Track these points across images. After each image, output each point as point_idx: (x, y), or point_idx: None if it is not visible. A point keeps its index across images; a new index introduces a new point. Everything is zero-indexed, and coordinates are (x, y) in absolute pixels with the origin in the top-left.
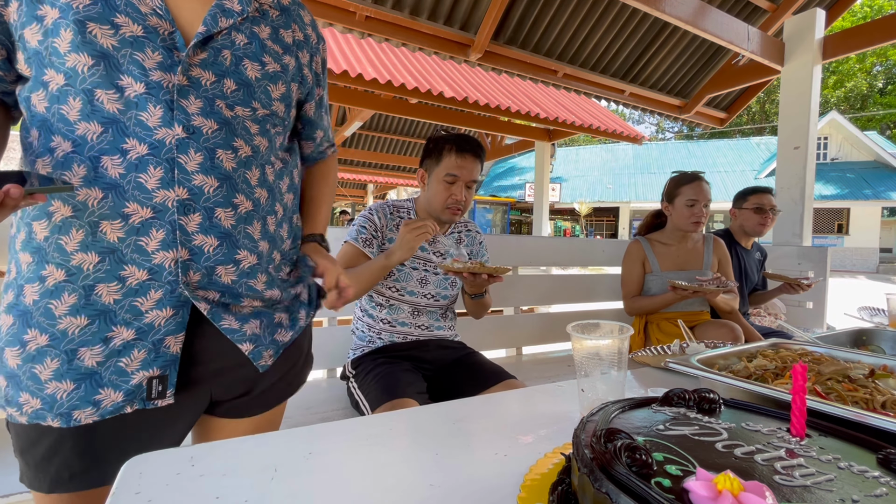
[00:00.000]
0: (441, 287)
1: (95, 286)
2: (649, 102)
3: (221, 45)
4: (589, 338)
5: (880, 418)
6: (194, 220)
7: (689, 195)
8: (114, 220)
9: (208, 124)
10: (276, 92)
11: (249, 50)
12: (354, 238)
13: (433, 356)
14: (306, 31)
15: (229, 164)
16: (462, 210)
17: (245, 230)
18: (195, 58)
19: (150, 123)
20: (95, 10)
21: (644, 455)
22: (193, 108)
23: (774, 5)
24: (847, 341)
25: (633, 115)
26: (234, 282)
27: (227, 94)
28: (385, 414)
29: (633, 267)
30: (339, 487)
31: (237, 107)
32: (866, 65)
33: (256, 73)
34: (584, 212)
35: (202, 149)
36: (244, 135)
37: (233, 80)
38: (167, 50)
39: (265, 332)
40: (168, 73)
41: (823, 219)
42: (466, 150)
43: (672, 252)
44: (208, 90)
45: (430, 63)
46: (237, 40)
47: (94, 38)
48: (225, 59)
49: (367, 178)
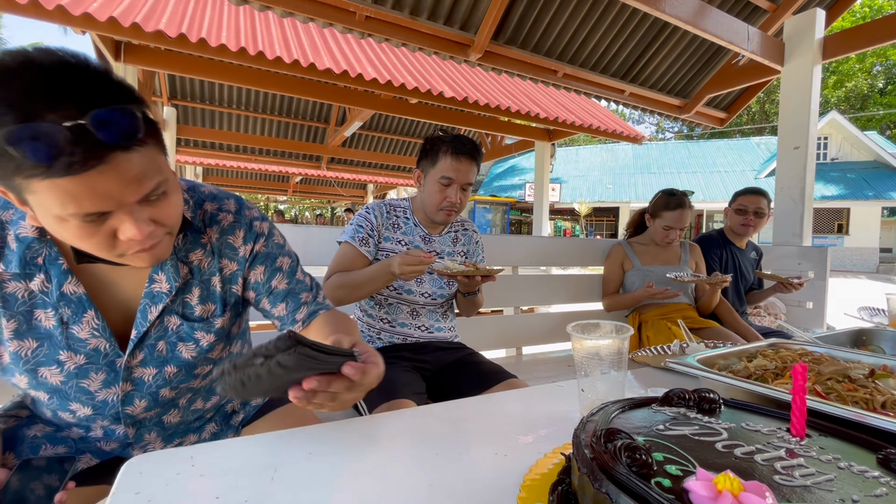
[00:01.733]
0: (437, 286)
1: None
2: (649, 102)
3: (156, 337)
4: (589, 338)
5: (880, 418)
6: (153, 433)
7: (668, 222)
8: None
9: (151, 414)
10: (215, 353)
11: (182, 331)
12: (351, 237)
13: (433, 357)
14: (239, 254)
15: (175, 418)
16: (456, 212)
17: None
18: (133, 361)
19: (100, 428)
20: (43, 355)
21: (644, 455)
22: (138, 409)
23: (774, 5)
24: (847, 341)
25: (633, 115)
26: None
27: (169, 380)
28: (385, 414)
29: (613, 267)
30: (339, 487)
31: (181, 385)
32: (866, 65)
33: (192, 353)
34: (584, 212)
35: (152, 427)
36: (186, 394)
37: (172, 365)
38: (109, 365)
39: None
40: (111, 387)
41: (823, 219)
42: (462, 152)
43: (651, 251)
44: (151, 385)
45: (430, 63)
46: (169, 325)
47: (45, 380)
48: (161, 350)
49: (367, 178)
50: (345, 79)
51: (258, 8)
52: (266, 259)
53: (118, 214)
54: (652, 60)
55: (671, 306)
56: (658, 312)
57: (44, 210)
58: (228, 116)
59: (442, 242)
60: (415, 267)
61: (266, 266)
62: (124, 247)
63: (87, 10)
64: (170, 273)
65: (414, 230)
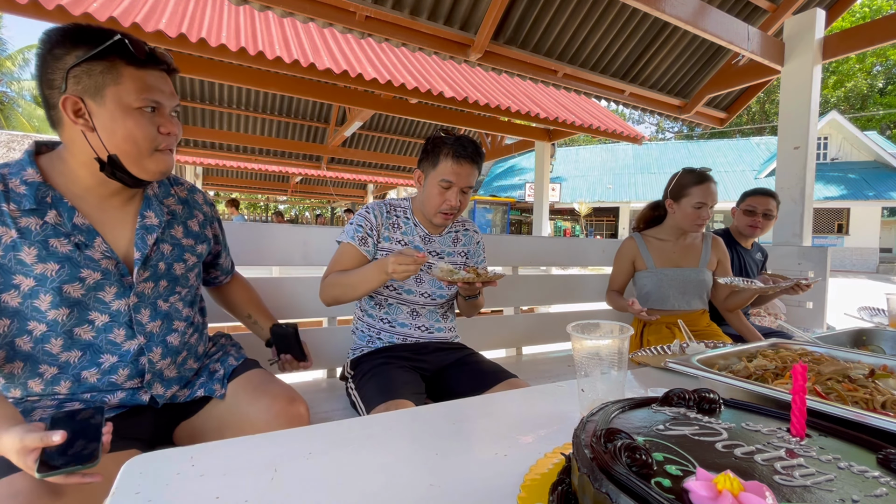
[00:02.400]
0: (437, 286)
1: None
2: (649, 102)
3: (155, 259)
4: (589, 338)
5: (880, 418)
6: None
7: (698, 197)
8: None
9: (156, 325)
10: (191, 275)
11: (174, 254)
12: (351, 237)
13: (433, 357)
14: (203, 209)
15: (176, 341)
16: (455, 215)
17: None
18: (140, 278)
19: (118, 341)
20: (66, 274)
21: (644, 455)
22: (145, 318)
23: (774, 5)
24: (847, 341)
25: (633, 115)
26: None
27: (162, 293)
28: (385, 414)
29: (623, 264)
30: (339, 487)
31: (171, 297)
32: (866, 65)
33: (182, 270)
34: (584, 212)
35: (158, 344)
36: (177, 315)
37: (165, 280)
38: (119, 281)
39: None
40: (123, 298)
41: (823, 219)
42: (463, 156)
43: (668, 248)
44: (150, 297)
45: (430, 63)
46: (164, 250)
47: (69, 295)
48: (159, 269)
49: (367, 178)
50: (345, 79)
51: (258, 8)
52: (218, 220)
53: (162, 114)
54: (652, 60)
55: (679, 314)
56: (664, 320)
57: (117, 103)
58: (228, 116)
59: (442, 242)
60: (407, 266)
61: (219, 225)
62: (160, 140)
63: (87, 10)
64: (157, 210)
65: (414, 230)
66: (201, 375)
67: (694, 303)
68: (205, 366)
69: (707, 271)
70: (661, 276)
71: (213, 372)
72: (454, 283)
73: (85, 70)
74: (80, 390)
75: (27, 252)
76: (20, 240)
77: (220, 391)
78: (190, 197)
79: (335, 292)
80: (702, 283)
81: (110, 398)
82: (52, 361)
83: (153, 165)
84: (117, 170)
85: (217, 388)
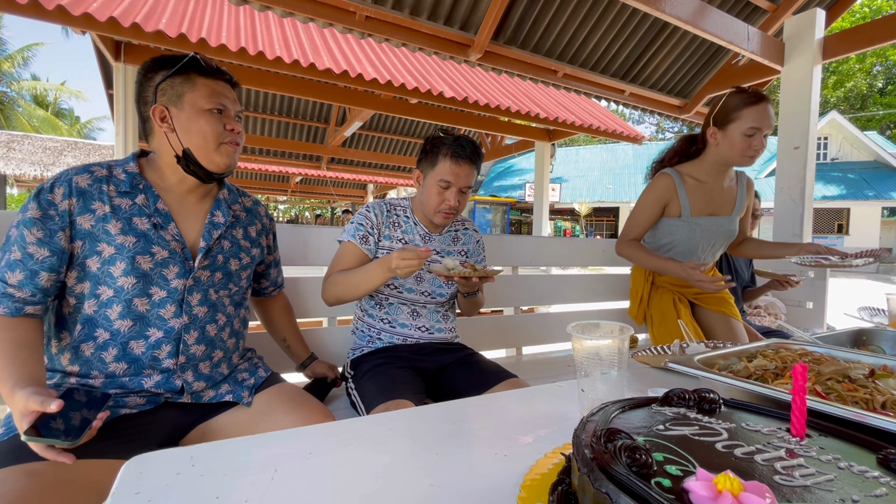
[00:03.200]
0: (436, 285)
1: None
2: (649, 102)
3: (216, 252)
4: (589, 338)
5: (880, 418)
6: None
7: (751, 121)
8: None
9: (202, 310)
10: (243, 275)
11: (232, 251)
12: (352, 235)
13: (433, 358)
14: (262, 221)
15: (212, 331)
16: (454, 215)
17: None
18: (201, 265)
19: (166, 317)
20: (140, 247)
21: (644, 455)
22: (195, 301)
23: (774, 5)
24: (847, 341)
25: (633, 115)
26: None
27: (215, 283)
28: (385, 414)
29: (654, 208)
30: (339, 487)
31: (221, 290)
32: (866, 65)
33: (236, 267)
34: (584, 212)
35: (196, 328)
36: (222, 309)
37: (220, 272)
38: (182, 263)
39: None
40: (182, 279)
41: (823, 219)
42: (462, 156)
43: (706, 192)
44: (204, 284)
45: (430, 63)
46: (224, 245)
47: (139, 266)
48: (218, 261)
49: (367, 178)
50: (345, 79)
51: (258, 8)
52: (273, 233)
53: (227, 115)
54: (652, 60)
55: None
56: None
57: (193, 106)
58: None
59: (442, 241)
60: (411, 261)
61: (273, 238)
62: (225, 135)
63: (87, 11)
64: (224, 211)
65: (414, 229)
66: (228, 381)
67: (718, 255)
68: (233, 373)
69: (737, 219)
70: (695, 226)
71: (242, 381)
72: (451, 278)
73: (169, 84)
74: (124, 359)
75: (114, 224)
76: (111, 214)
77: (247, 398)
78: (254, 208)
79: (338, 291)
80: (732, 234)
81: (146, 381)
82: (108, 326)
83: (219, 158)
84: (191, 163)
85: (245, 396)
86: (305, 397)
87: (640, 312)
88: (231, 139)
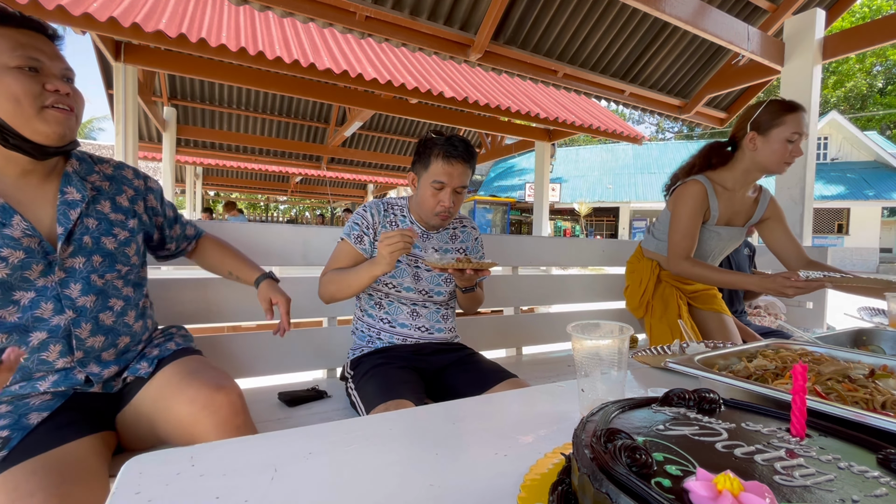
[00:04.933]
0: (435, 283)
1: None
2: (649, 102)
3: (80, 234)
4: (589, 338)
5: (880, 418)
6: (91, 364)
7: (793, 127)
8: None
9: (89, 300)
10: (129, 251)
11: (101, 229)
12: (347, 234)
13: (433, 359)
14: (133, 184)
15: (109, 320)
16: (451, 215)
17: (119, 337)
18: (65, 254)
19: (45, 316)
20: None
21: (644, 455)
22: (75, 292)
23: (774, 5)
24: (847, 341)
25: (633, 115)
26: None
27: (96, 268)
28: (385, 414)
29: (698, 215)
30: (339, 487)
31: (107, 274)
32: (866, 65)
33: (114, 245)
34: (584, 212)
35: (88, 320)
36: (115, 293)
37: (98, 255)
38: (44, 258)
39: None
40: (48, 276)
41: (823, 219)
42: (454, 156)
43: (730, 201)
44: (82, 271)
45: (430, 63)
46: (90, 224)
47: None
48: (86, 243)
49: (367, 178)
50: (345, 79)
51: (258, 8)
52: (154, 192)
53: (47, 73)
54: (652, 60)
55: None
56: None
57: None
58: (228, 116)
59: (440, 239)
60: (393, 241)
61: (156, 196)
62: (46, 96)
63: (87, 10)
64: (77, 186)
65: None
66: (139, 360)
67: (723, 264)
68: (143, 350)
69: (746, 230)
70: (714, 234)
71: (148, 354)
72: (445, 269)
73: None
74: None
75: None
76: None
77: (145, 369)
78: (117, 173)
79: (331, 289)
80: (738, 244)
81: (41, 384)
82: None
83: (43, 126)
84: (9, 135)
85: (143, 367)
86: (204, 371)
87: (643, 304)
88: (56, 101)
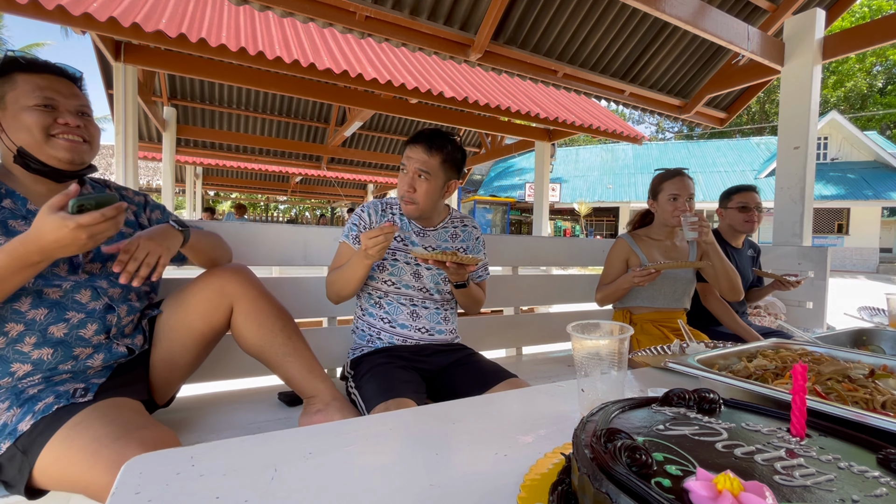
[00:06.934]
0: (434, 281)
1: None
2: (649, 102)
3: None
4: (589, 338)
5: (880, 418)
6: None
7: (670, 190)
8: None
9: (116, 290)
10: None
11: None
12: (346, 235)
13: (433, 359)
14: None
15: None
16: (413, 202)
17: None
18: (85, 259)
19: (83, 301)
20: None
21: (644, 455)
22: (104, 285)
23: (774, 5)
24: (847, 341)
25: (633, 115)
26: None
27: (111, 273)
28: (385, 414)
29: (616, 263)
30: (339, 487)
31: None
32: (866, 65)
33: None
34: (583, 212)
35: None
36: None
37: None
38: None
39: None
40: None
41: (823, 219)
42: (416, 141)
43: (660, 246)
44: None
45: (430, 63)
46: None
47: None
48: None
49: (367, 178)
50: (345, 79)
51: (258, 8)
52: (152, 206)
53: (60, 110)
54: (652, 60)
55: (666, 313)
56: (651, 317)
57: (16, 104)
58: (228, 116)
59: (438, 237)
60: (376, 238)
61: (154, 209)
62: (57, 128)
63: (87, 10)
64: None
65: (409, 226)
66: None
67: (682, 301)
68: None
69: (693, 271)
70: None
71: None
72: (427, 260)
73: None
74: (46, 345)
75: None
76: None
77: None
78: (120, 193)
79: (335, 288)
80: (690, 282)
81: (91, 361)
82: (19, 319)
83: (53, 151)
84: (29, 160)
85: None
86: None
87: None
88: (64, 131)
